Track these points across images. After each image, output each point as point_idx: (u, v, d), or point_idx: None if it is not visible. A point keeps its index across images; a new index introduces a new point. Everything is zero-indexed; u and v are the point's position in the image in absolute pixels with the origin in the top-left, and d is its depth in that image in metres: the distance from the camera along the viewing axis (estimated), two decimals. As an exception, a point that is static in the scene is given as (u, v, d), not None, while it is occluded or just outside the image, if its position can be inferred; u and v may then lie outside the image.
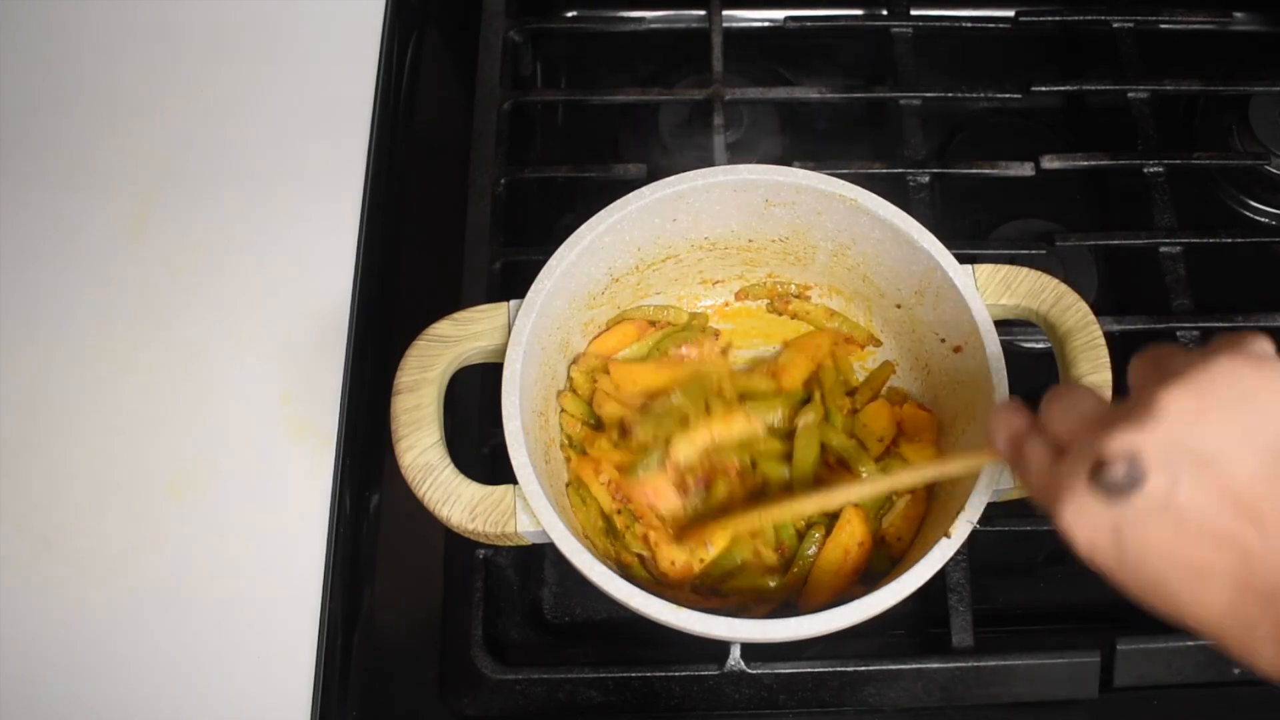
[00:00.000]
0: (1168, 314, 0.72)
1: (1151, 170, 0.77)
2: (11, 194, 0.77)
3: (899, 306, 0.67)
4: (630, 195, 0.63)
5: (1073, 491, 0.42)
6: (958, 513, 0.56)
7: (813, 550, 0.63)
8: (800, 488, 0.64)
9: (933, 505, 0.64)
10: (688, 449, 0.63)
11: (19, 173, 0.78)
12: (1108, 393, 0.59)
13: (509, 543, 0.59)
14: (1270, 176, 0.81)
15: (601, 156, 0.84)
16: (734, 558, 0.63)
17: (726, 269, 0.71)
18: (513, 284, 0.70)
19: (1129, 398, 0.44)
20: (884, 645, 0.67)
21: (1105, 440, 0.41)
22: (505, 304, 0.62)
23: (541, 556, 0.71)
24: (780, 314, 0.72)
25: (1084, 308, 0.61)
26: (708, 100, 0.78)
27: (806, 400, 0.67)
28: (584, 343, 0.69)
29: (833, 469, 0.65)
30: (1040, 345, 0.72)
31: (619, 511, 0.64)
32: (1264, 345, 0.42)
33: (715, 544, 0.63)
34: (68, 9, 0.83)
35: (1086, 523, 0.42)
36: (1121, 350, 0.59)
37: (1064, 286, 0.62)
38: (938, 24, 0.84)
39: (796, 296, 0.71)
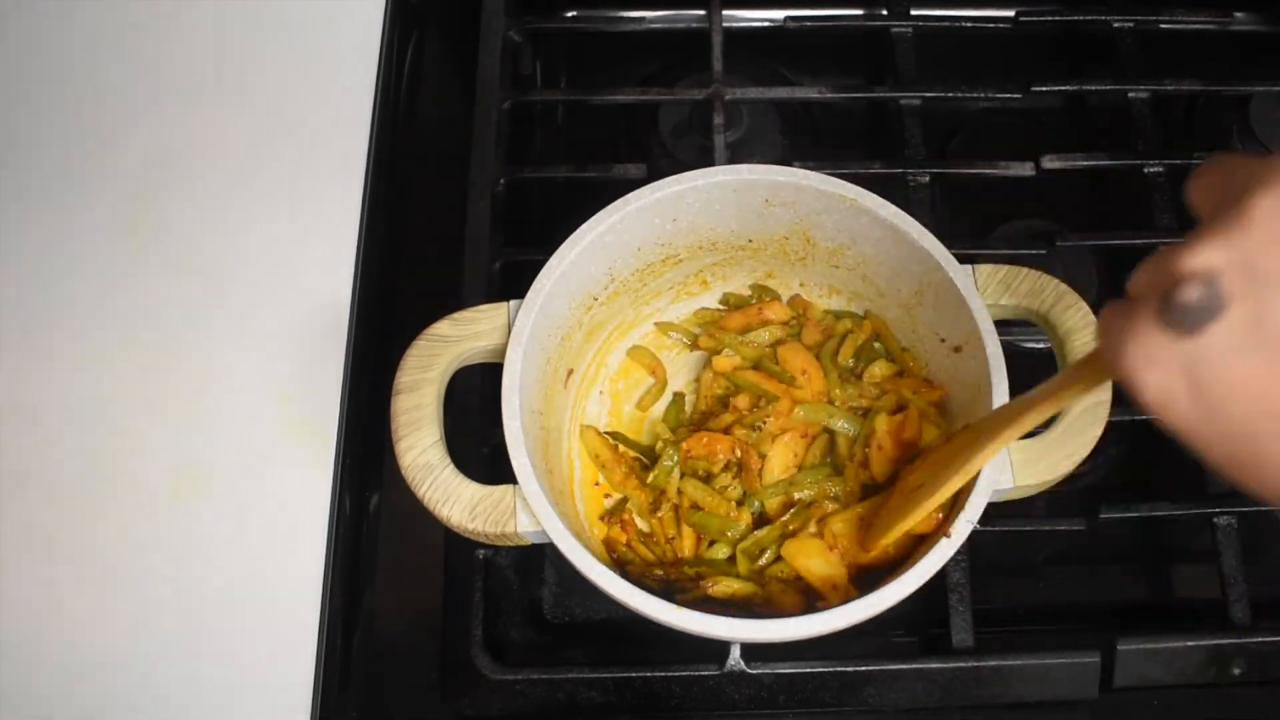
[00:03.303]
0: (1168, 314, 0.72)
1: (1151, 170, 0.77)
2: (10, 194, 0.77)
3: (899, 307, 0.67)
4: (630, 195, 0.63)
5: (1136, 328, 0.35)
6: (958, 513, 0.56)
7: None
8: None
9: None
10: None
11: (17, 172, 0.78)
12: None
13: (509, 543, 0.59)
14: (1270, 176, 0.81)
15: (601, 156, 0.84)
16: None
17: (726, 269, 0.71)
18: (513, 284, 0.70)
19: (1200, 224, 0.36)
20: (884, 645, 0.67)
21: (1177, 259, 0.33)
22: (505, 304, 0.62)
23: (541, 556, 0.71)
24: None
25: (1084, 308, 0.61)
26: (708, 100, 0.78)
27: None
28: (584, 340, 0.69)
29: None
30: (1040, 345, 0.72)
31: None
32: None
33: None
34: (66, 8, 0.83)
35: (1156, 367, 0.34)
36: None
37: (1064, 286, 0.62)
38: (938, 24, 0.84)
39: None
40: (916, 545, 0.62)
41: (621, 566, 0.64)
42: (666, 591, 0.63)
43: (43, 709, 0.64)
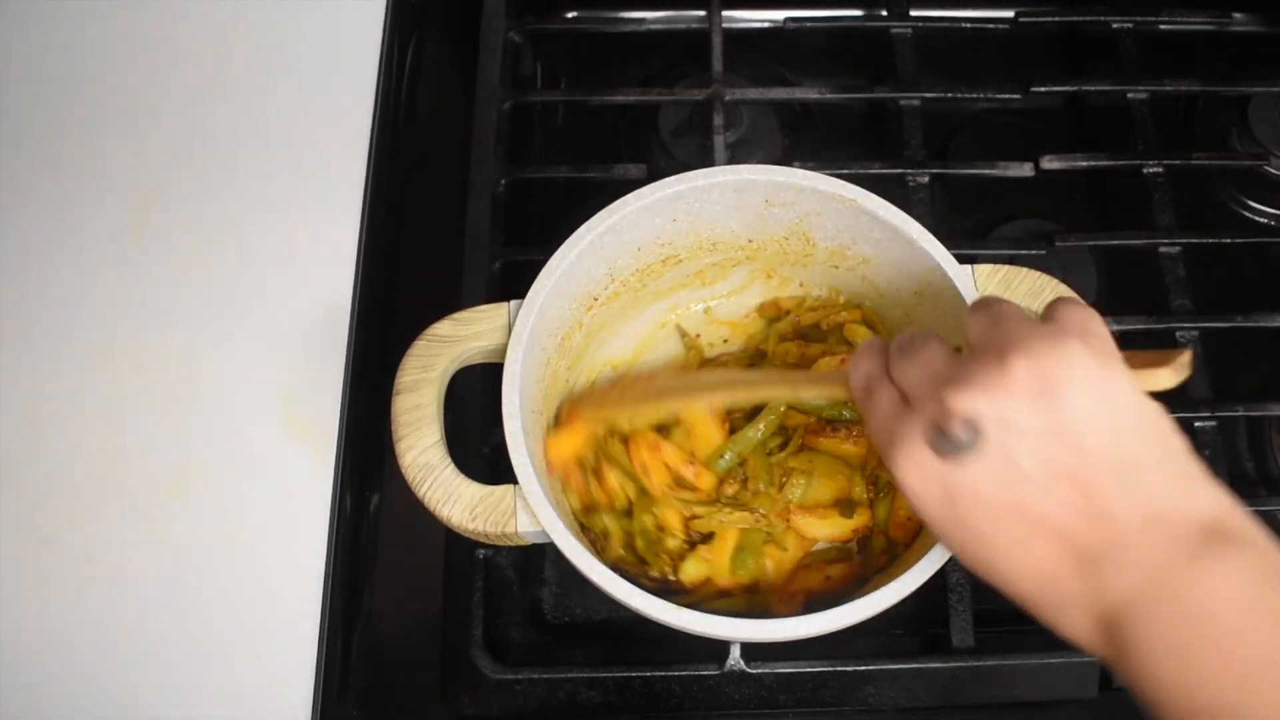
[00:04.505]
0: (1167, 314, 0.73)
1: (1151, 170, 0.77)
2: (12, 194, 0.77)
3: (899, 307, 0.67)
4: (630, 195, 0.63)
5: (909, 441, 0.44)
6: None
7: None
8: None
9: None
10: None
11: (19, 173, 0.78)
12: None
13: (509, 543, 0.59)
14: (1270, 176, 0.81)
15: (601, 156, 0.84)
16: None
17: (726, 270, 0.71)
18: (513, 284, 0.70)
19: (973, 355, 0.45)
20: (884, 645, 0.67)
21: (948, 399, 0.43)
22: (505, 304, 0.62)
23: (541, 556, 0.71)
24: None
25: (1083, 308, 0.61)
26: (708, 100, 0.78)
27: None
28: (584, 341, 0.69)
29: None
30: (1040, 345, 0.72)
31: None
32: (1102, 330, 0.45)
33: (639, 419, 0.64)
34: (69, 10, 0.83)
35: (918, 474, 0.44)
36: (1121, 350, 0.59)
37: (1063, 287, 0.62)
38: (938, 24, 0.84)
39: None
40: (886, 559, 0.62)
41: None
42: (664, 590, 0.63)
43: (42, 709, 0.64)
